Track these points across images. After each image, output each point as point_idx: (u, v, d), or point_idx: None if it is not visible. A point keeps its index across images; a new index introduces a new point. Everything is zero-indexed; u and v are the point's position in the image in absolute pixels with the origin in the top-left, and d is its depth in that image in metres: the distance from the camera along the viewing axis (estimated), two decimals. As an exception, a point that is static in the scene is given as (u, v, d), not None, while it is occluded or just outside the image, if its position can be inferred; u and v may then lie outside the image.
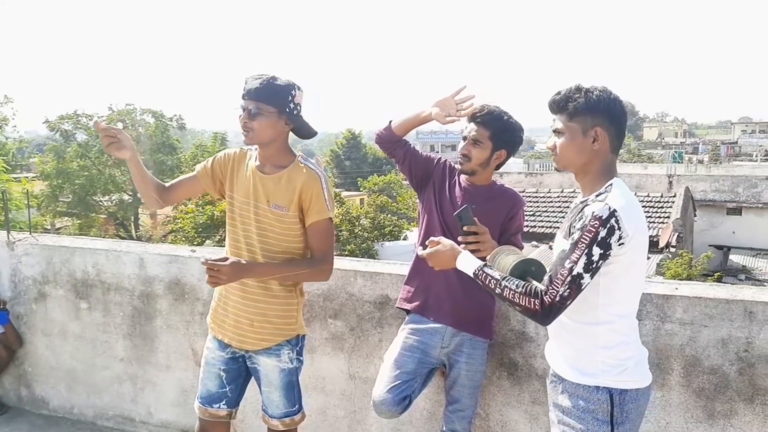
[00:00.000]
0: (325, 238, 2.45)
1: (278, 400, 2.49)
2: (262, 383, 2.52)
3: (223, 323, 2.50)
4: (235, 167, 2.48)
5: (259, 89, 2.29)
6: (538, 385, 2.76)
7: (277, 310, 2.45)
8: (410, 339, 2.63)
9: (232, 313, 2.47)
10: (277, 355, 2.46)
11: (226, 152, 2.55)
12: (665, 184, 19.00)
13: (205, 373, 2.55)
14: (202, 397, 2.55)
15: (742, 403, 2.48)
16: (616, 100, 1.90)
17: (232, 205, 2.48)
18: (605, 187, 1.86)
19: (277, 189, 2.39)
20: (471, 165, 2.61)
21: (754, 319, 2.43)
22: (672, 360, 2.54)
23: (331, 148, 56.63)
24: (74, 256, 3.62)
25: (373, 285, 3.02)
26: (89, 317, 3.62)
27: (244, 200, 2.43)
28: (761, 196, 19.82)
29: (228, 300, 2.48)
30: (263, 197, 2.40)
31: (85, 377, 3.69)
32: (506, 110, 2.62)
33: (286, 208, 2.38)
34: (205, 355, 2.57)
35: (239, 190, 2.45)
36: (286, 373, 2.48)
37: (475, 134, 2.58)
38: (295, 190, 2.38)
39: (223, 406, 2.53)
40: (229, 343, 2.49)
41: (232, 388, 2.54)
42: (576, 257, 1.76)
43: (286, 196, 2.39)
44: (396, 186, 32.08)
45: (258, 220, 2.40)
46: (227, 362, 2.52)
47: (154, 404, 3.55)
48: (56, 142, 24.83)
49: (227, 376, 2.52)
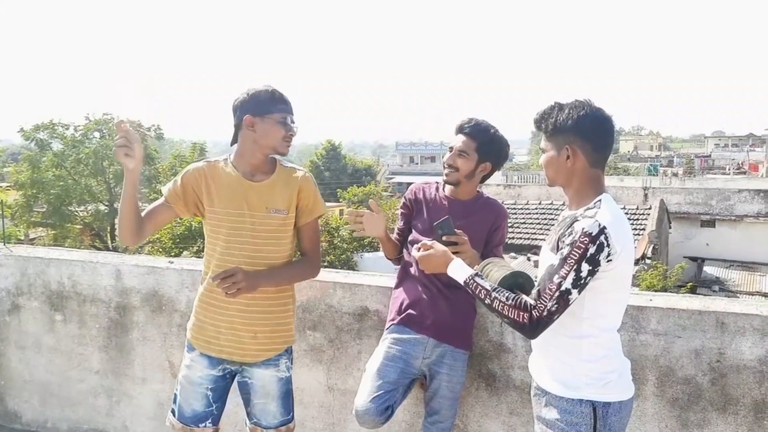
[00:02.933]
0: (317, 235, 2.54)
1: (275, 409, 2.47)
2: (255, 396, 2.47)
3: (215, 338, 2.42)
4: (210, 181, 2.41)
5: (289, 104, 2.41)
6: (515, 396, 2.78)
7: (280, 318, 2.46)
8: (393, 349, 2.63)
9: (227, 327, 2.40)
10: (276, 365, 2.46)
11: (194, 167, 2.46)
12: (641, 196, 19.25)
13: (189, 392, 2.47)
14: (185, 417, 2.47)
15: (714, 413, 2.52)
16: (588, 117, 1.90)
17: (215, 219, 2.39)
18: (594, 203, 1.88)
19: (275, 194, 2.39)
20: (457, 176, 2.64)
21: (725, 330, 2.48)
22: (647, 370, 2.58)
23: (310, 159, 56.52)
24: (49, 267, 3.57)
25: (352, 296, 3.02)
26: (64, 329, 3.57)
27: (236, 212, 2.37)
28: (734, 209, 20.17)
29: (221, 313, 2.40)
30: (260, 205, 2.37)
31: (59, 390, 3.63)
32: (493, 124, 2.67)
33: (286, 211, 2.40)
34: (186, 375, 2.48)
35: (225, 202, 2.38)
36: (284, 382, 2.49)
37: (462, 145, 2.63)
38: (293, 191, 2.41)
39: (209, 424, 2.49)
40: (228, 358, 2.43)
41: (218, 406, 2.49)
42: (565, 273, 1.78)
43: (286, 199, 2.40)
44: (375, 197, 32.12)
45: (254, 230, 2.37)
46: (216, 380, 2.46)
47: (130, 417, 3.51)
48: (31, 152, 24.45)
49: (214, 394, 2.47)
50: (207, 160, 2.49)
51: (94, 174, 23.08)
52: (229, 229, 2.37)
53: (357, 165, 53.19)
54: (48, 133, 24.35)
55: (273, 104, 2.34)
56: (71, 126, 24.00)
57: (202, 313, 2.45)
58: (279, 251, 2.41)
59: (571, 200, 1.98)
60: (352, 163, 53.32)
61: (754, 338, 2.45)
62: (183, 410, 2.48)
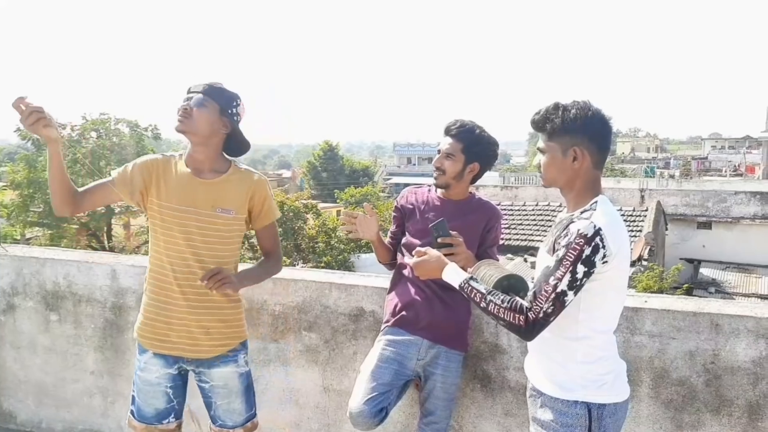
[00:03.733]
0: (277, 236, 2.62)
1: (240, 407, 2.49)
2: (218, 397, 2.46)
3: (166, 337, 2.41)
4: (161, 174, 2.39)
5: (206, 87, 2.35)
6: (510, 397, 2.78)
7: (231, 313, 2.47)
8: (387, 350, 2.63)
9: (180, 324, 2.39)
10: (235, 360, 2.48)
11: (149, 158, 2.45)
12: (638, 198, 19.28)
13: (147, 393, 2.46)
14: (146, 417, 2.47)
15: (709, 414, 2.53)
16: (594, 117, 1.90)
17: (162, 214, 2.37)
18: (590, 204, 1.88)
19: (223, 193, 2.38)
20: (445, 178, 2.65)
21: (720, 331, 2.49)
22: (641, 372, 2.58)
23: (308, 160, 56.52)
24: (45, 267, 3.56)
25: (348, 297, 3.02)
26: (59, 329, 3.56)
27: (181, 207, 2.35)
28: (730, 211, 20.21)
29: (171, 312, 2.39)
30: (206, 203, 2.36)
31: (54, 390, 3.63)
32: (479, 125, 2.67)
33: (233, 211, 2.39)
34: (143, 377, 2.46)
35: (172, 197, 2.36)
36: (245, 377, 2.51)
37: (448, 147, 2.64)
38: (245, 193, 2.41)
39: (172, 419, 2.50)
40: (181, 355, 2.42)
41: (179, 401, 2.51)
42: (560, 274, 1.78)
43: (235, 200, 2.40)
44: (373, 198, 32.12)
45: (200, 227, 2.35)
46: (174, 378, 2.46)
47: (125, 418, 3.46)
48: (28, 151, 24.40)
49: (174, 391, 2.48)
50: (163, 153, 2.48)
51: (90, 174, 23.01)
52: (173, 224, 2.36)
53: (354, 166, 53.23)
54: (45, 132, 24.26)
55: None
56: (68, 126, 23.93)
57: (151, 311, 2.43)
58: (226, 250, 2.42)
59: (569, 202, 1.98)
60: (349, 163, 53.36)
61: (749, 340, 2.45)
62: (143, 410, 2.48)
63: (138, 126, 25.53)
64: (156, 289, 2.42)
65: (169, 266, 2.37)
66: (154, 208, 2.39)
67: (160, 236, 2.39)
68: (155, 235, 2.41)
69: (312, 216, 19.42)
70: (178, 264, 2.36)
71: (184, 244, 2.35)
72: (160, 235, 2.39)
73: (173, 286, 2.37)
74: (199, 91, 2.33)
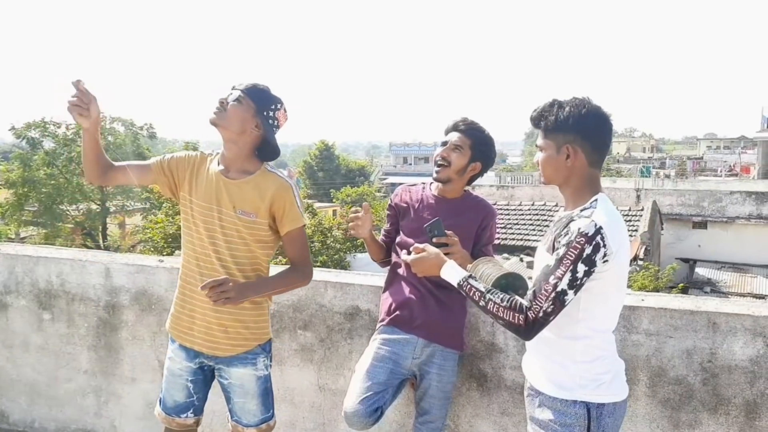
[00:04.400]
0: (303, 244, 2.49)
1: (255, 408, 2.49)
2: (235, 395, 2.48)
3: (189, 330, 2.44)
4: (195, 170, 2.44)
5: (249, 86, 2.36)
6: (507, 396, 2.77)
7: (252, 314, 2.45)
8: (382, 349, 2.62)
9: (201, 321, 2.41)
10: (254, 363, 2.46)
11: (187, 153, 2.50)
12: (633, 197, 19.31)
13: (170, 383, 2.51)
14: (167, 408, 2.52)
15: (706, 413, 2.52)
16: (589, 115, 1.88)
17: (191, 210, 2.41)
18: (590, 203, 1.87)
19: (244, 194, 2.37)
20: (448, 172, 2.64)
21: (717, 330, 2.48)
22: (638, 371, 2.57)
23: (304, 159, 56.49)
24: (38, 265, 3.53)
25: (343, 296, 3.00)
26: (52, 328, 3.53)
27: (206, 205, 2.38)
28: (725, 211, 20.25)
29: (195, 306, 2.42)
30: (228, 203, 2.36)
31: (47, 390, 3.60)
32: None
33: (254, 214, 2.36)
34: (168, 366, 2.52)
35: (200, 194, 2.40)
36: (262, 381, 2.49)
37: (457, 140, 2.64)
38: (264, 197, 2.37)
39: (191, 415, 2.52)
40: (200, 351, 2.44)
41: (199, 397, 2.52)
42: (561, 273, 1.76)
43: (254, 203, 2.37)
44: (369, 198, 32.11)
45: (223, 227, 2.36)
46: (195, 372, 2.49)
47: (118, 417, 3.47)
48: (22, 150, 24.31)
49: (194, 386, 2.50)
50: (202, 152, 2.52)
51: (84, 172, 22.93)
52: (202, 222, 2.39)
53: (350, 165, 53.19)
54: (39, 131, 24.21)
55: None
56: (63, 124, 23.86)
57: (179, 304, 2.48)
58: (247, 253, 2.39)
59: (567, 200, 1.96)
60: (345, 163, 53.31)
61: (746, 338, 2.44)
62: (166, 401, 2.53)
63: (133, 125, 25.49)
64: (183, 282, 2.46)
65: (194, 261, 2.40)
66: (186, 203, 2.43)
67: (187, 231, 2.44)
68: (185, 230, 2.45)
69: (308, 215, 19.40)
70: (203, 260, 2.39)
71: (208, 242, 2.38)
72: (188, 230, 2.43)
73: (198, 282, 2.35)
74: (239, 89, 2.35)
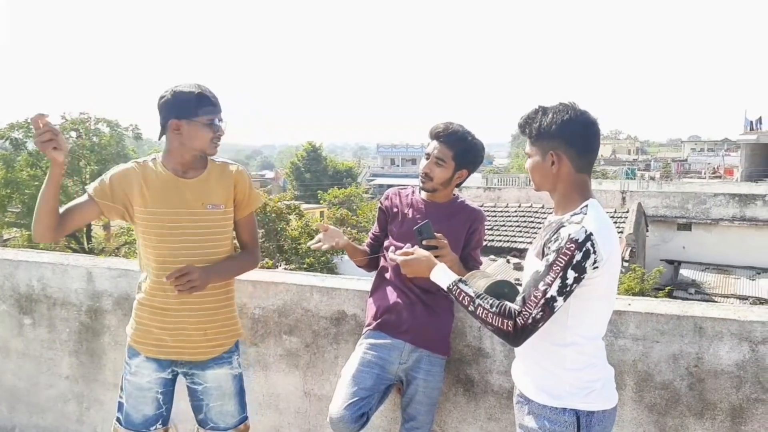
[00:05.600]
0: (255, 226, 2.59)
1: (233, 408, 2.49)
2: (211, 399, 2.46)
3: (161, 341, 2.40)
4: (142, 181, 2.36)
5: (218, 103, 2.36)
6: (493, 402, 2.75)
7: (227, 313, 2.48)
8: (368, 354, 2.59)
9: (176, 328, 2.39)
10: (230, 362, 2.49)
11: (124, 168, 2.42)
12: (619, 199, 19.43)
13: (137, 398, 2.44)
14: (134, 424, 2.45)
15: (692, 418, 2.52)
16: (572, 121, 1.87)
17: (152, 220, 2.35)
18: (581, 208, 1.85)
19: (209, 189, 2.38)
20: (433, 184, 2.62)
21: (703, 334, 2.48)
22: (625, 375, 2.57)
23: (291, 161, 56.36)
24: (18, 269, 3.48)
25: (329, 300, 2.98)
26: (33, 333, 3.47)
27: (171, 210, 2.34)
28: (710, 213, 20.42)
29: (168, 316, 2.38)
30: (196, 201, 2.36)
31: (28, 396, 3.54)
32: (468, 129, 2.64)
33: (222, 205, 2.40)
34: (133, 381, 2.45)
35: (160, 201, 2.34)
36: (238, 379, 2.52)
37: (438, 153, 2.59)
38: (228, 186, 2.42)
39: (159, 426, 2.50)
40: (178, 359, 2.42)
41: (167, 407, 2.51)
42: (550, 280, 1.75)
43: (221, 194, 2.40)
44: (356, 199, 32.06)
45: (195, 226, 2.35)
46: (166, 383, 2.46)
47: (100, 424, 3.42)
48: (6, 151, 24.03)
49: (164, 397, 2.47)
50: (135, 161, 2.45)
51: (69, 174, 22.72)
52: (166, 228, 2.34)
53: (338, 167, 53.16)
54: (23, 132, 23.94)
55: (199, 106, 2.29)
56: (46, 125, 23.60)
57: (145, 318, 2.43)
58: (218, 246, 2.42)
59: (557, 205, 1.95)
60: (333, 164, 53.27)
61: (732, 343, 2.44)
62: (131, 417, 2.46)
63: (118, 126, 25.25)
64: (148, 296, 2.41)
65: (163, 269, 2.34)
66: (142, 215, 2.36)
67: (151, 242, 2.37)
68: (146, 242, 2.39)
69: (295, 217, 19.32)
70: (173, 267, 2.31)
71: (178, 246, 2.34)
72: (152, 240, 2.37)
73: (168, 291, 2.34)
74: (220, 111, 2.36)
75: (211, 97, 2.32)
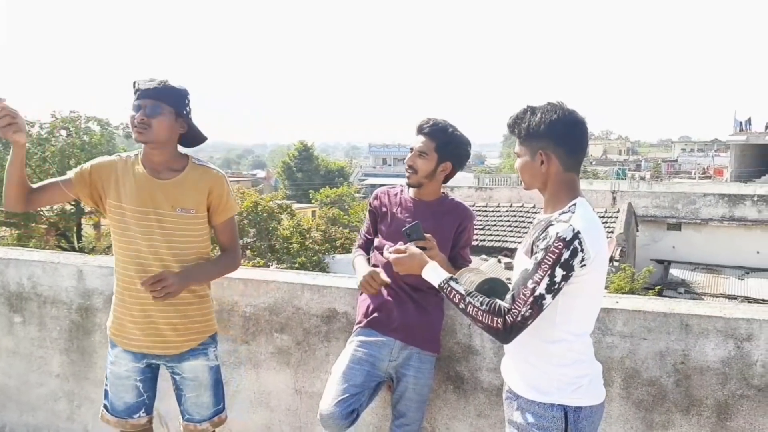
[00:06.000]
0: (234, 231, 2.60)
1: (208, 400, 2.52)
2: (188, 389, 2.50)
3: (133, 335, 2.44)
4: (119, 175, 2.40)
5: (158, 89, 2.31)
6: (483, 399, 2.78)
7: (198, 309, 2.50)
8: (359, 352, 2.61)
9: (146, 322, 2.42)
10: (206, 354, 2.52)
11: (106, 159, 2.46)
12: (609, 199, 19.51)
13: (118, 387, 2.50)
14: (118, 411, 2.51)
15: (678, 414, 2.55)
16: (560, 121, 1.89)
17: (123, 216, 2.39)
18: (569, 207, 1.88)
19: (182, 192, 2.39)
20: (417, 177, 2.64)
21: (690, 331, 2.51)
22: (612, 372, 2.59)
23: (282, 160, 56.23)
24: (8, 267, 3.47)
25: (320, 298, 2.99)
26: (23, 332, 3.46)
27: (141, 209, 2.36)
28: (699, 213, 20.54)
29: (138, 310, 2.42)
30: (166, 203, 2.37)
31: (18, 394, 3.53)
32: (452, 123, 2.67)
33: (193, 210, 2.41)
34: (112, 370, 2.51)
35: (131, 199, 2.37)
36: (214, 371, 2.54)
37: (421, 145, 2.63)
38: (203, 190, 2.42)
39: (143, 414, 2.54)
40: (150, 353, 2.46)
41: (149, 396, 2.54)
42: (539, 278, 1.78)
43: (194, 198, 2.41)
44: (348, 199, 32.05)
45: (162, 228, 2.37)
46: (143, 372, 2.50)
47: (91, 422, 3.42)
48: (-6, 149, 23.86)
49: (143, 385, 2.51)
50: (119, 155, 2.48)
51: (60, 172, 22.56)
52: (137, 227, 2.37)
53: (330, 166, 53.10)
54: (12, 129, 23.75)
55: (134, 96, 2.33)
56: (37, 123, 23.43)
57: (119, 311, 2.46)
58: (189, 249, 2.43)
59: (546, 204, 1.97)
60: (324, 164, 53.20)
61: (717, 340, 2.48)
62: (115, 404, 2.52)
63: (109, 125, 25.10)
64: (120, 289, 2.45)
65: (131, 266, 2.38)
66: (114, 210, 2.40)
67: (120, 237, 2.40)
68: (116, 236, 2.43)
69: (286, 217, 19.30)
70: (142, 264, 2.37)
71: (145, 245, 2.36)
72: (121, 236, 2.40)
73: (137, 286, 2.37)
74: (151, 97, 2.30)
75: (139, 83, 2.33)
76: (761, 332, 2.43)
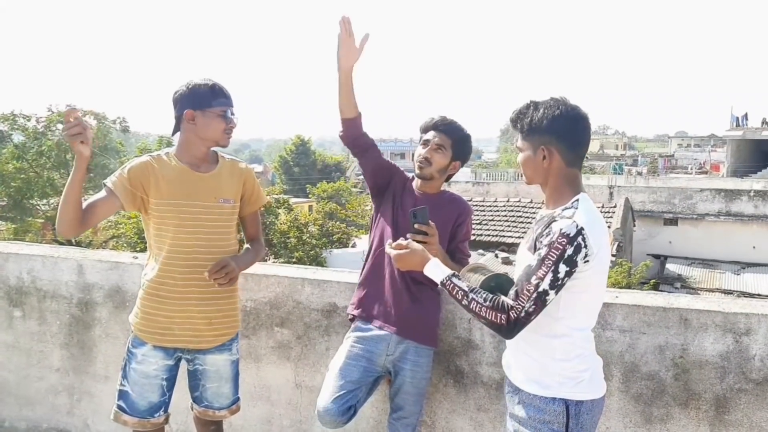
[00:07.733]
0: (260, 222, 2.77)
1: (228, 391, 2.60)
2: (209, 380, 2.56)
3: (167, 330, 2.47)
4: (159, 173, 2.44)
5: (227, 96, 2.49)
6: (483, 393, 2.79)
7: (231, 303, 2.58)
8: (355, 347, 2.62)
9: (183, 318, 2.46)
10: (230, 349, 2.59)
11: (141, 161, 2.46)
12: (606, 194, 19.54)
13: (144, 387, 2.50)
14: (140, 411, 2.50)
15: (677, 408, 2.56)
16: (562, 116, 1.89)
17: (168, 211, 2.42)
18: (572, 203, 1.88)
19: (221, 184, 2.50)
20: (431, 170, 2.65)
21: (688, 326, 2.52)
22: (612, 366, 2.61)
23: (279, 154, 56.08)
24: (8, 262, 3.47)
25: (320, 293, 3.00)
26: (23, 326, 3.47)
27: (186, 202, 2.42)
28: (696, 208, 20.59)
29: (175, 305, 2.45)
30: (209, 195, 2.46)
31: (17, 389, 3.53)
32: None
33: (232, 200, 2.52)
34: (140, 370, 2.50)
35: (176, 193, 2.42)
36: (235, 365, 2.63)
37: (439, 140, 2.65)
38: (239, 182, 2.55)
39: (162, 413, 2.57)
40: (184, 347, 2.50)
41: (169, 395, 2.57)
42: (542, 273, 1.78)
43: (232, 189, 2.52)
44: (345, 193, 32.02)
45: (209, 219, 2.45)
46: (170, 369, 2.53)
47: (91, 416, 3.43)
48: (-10, 143, 23.75)
49: (168, 383, 2.54)
50: (150, 154, 2.51)
51: (56, 167, 22.49)
52: (180, 219, 2.42)
53: (327, 161, 52.97)
54: (9, 124, 23.67)
55: (213, 98, 2.41)
56: (33, 117, 23.35)
57: (151, 306, 2.48)
58: (228, 239, 2.53)
59: (548, 199, 1.98)
60: (321, 158, 53.07)
61: (716, 334, 2.49)
62: (137, 405, 2.51)
63: (106, 119, 25.01)
64: (155, 284, 2.46)
65: (174, 261, 2.43)
66: (157, 207, 2.43)
67: (165, 233, 2.43)
68: (159, 232, 2.45)
69: (284, 211, 19.27)
70: (185, 257, 2.43)
71: (192, 237, 2.43)
72: (166, 231, 2.43)
73: (177, 281, 2.43)
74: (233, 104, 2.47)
75: (225, 90, 2.45)
76: (759, 327, 2.45)
